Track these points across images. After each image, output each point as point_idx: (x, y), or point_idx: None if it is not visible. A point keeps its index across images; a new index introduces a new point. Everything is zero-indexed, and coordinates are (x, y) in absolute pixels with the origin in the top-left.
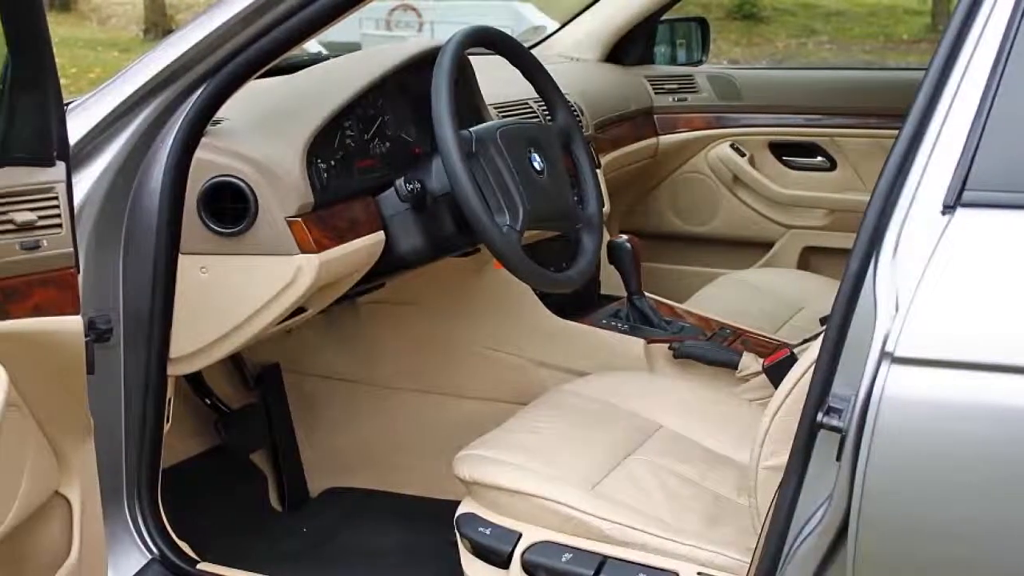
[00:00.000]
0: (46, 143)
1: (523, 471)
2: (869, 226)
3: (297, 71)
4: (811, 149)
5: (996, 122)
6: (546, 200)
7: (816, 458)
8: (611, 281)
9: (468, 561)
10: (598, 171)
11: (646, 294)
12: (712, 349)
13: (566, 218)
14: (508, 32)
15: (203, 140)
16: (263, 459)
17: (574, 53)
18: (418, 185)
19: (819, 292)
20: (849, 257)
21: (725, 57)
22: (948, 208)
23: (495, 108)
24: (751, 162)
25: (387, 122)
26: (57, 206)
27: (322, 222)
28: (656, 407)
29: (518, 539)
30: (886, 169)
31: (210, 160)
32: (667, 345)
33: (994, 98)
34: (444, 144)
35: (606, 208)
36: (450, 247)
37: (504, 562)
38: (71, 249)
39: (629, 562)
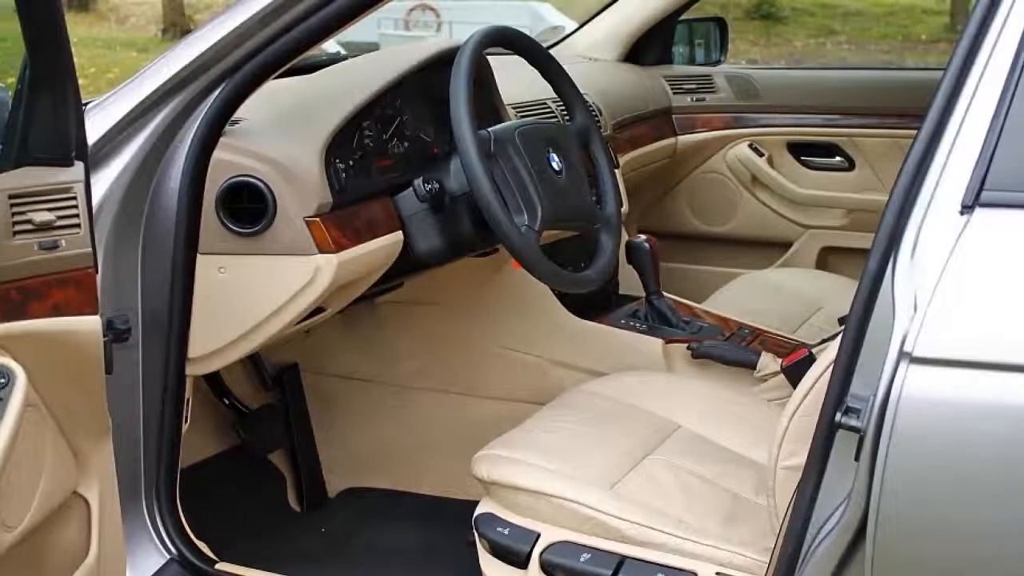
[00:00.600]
0: (64, 143)
1: (541, 471)
2: (887, 226)
3: (315, 71)
4: (829, 149)
5: (1014, 122)
6: (564, 200)
7: (834, 458)
8: (629, 281)
9: (486, 561)
10: (616, 171)
11: (664, 294)
12: (730, 349)
13: (584, 218)
14: (526, 32)
15: (221, 140)
16: (281, 459)
17: (592, 53)
18: (436, 185)
19: (837, 292)
20: (867, 257)
21: (743, 57)
22: (966, 208)
23: (513, 108)
24: (769, 162)
25: (405, 122)
26: (75, 206)
27: (340, 222)
28: (675, 407)
29: (536, 539)
30: (904, 169)
31: (228, 160)
32: (685, 345)
33: (1012, 98)
34: (462, 144)
35: (624, 208)
36: (468, 247)
37: (522, 562)
38: (89, 249)
39: (647, 562)
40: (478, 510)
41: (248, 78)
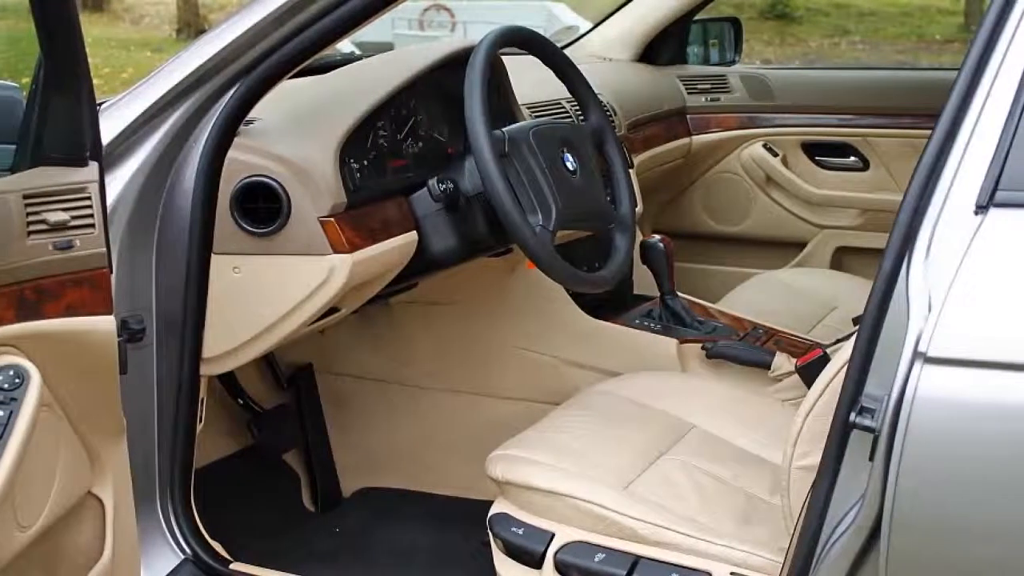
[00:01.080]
0: (79, 143)
1: (556, 471)
2: (902, 226)
3: (330, 71)
4: (844, 149)
5: None
6: (579, 200)
7: (849, 458)
8: (644, 281)
9: (501, 561)
10: (631, 171)
11: (679, 294)
12: (745, 349)
13: (599, 218)
14: (541, 32)
15: (236, 140)
16: (296, 459)
17: (607, 53)
18: (451, 185)
19: (852, 292)
20: (882, 257)
21: (758, 57)
22: (981, 208)
23: (528, 108)
24: (784, 162)
25: (420, 122)
26: (90, 206)
27: (355, 222)
28: (689, 407)
29: (551, 539)
30: (919, 169)
31: (243, 160)
32: (700, 345)
33: None
34: (477, 144)
35: (639, 208)
36: (483, 247)
37: (537, 562)
38: (104, 249)
39: (662, 562)
40: (492, 510)
41: (262, 78)
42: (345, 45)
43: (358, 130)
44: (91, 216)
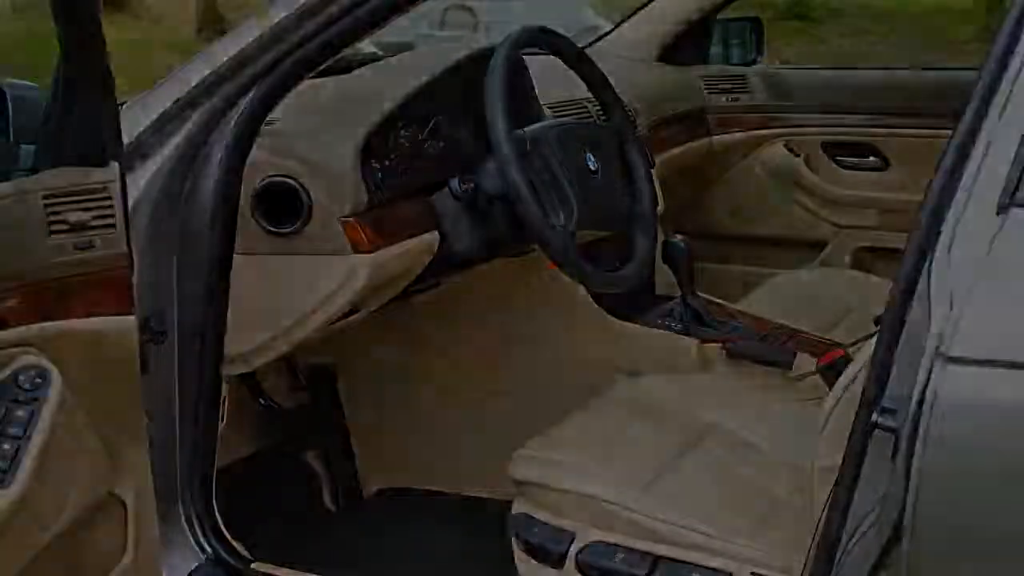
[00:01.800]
0: (99, 143)
1: (576, 471)
2: (923, 226)
3: (351, 71)
4: (865, 149)
5: None
6: (600, 200)
7: (870, 458)
8: (665, 281)
9: (522, 561)
10: (652, 171)
11: (700, 294)
12: (766, 349)
13: (620, 218)
14: (562, 32)
15: (257, 140)
16: (316, 459)
17: (628, 52)
18: (472, 185)
19: (873, 292)
20: (903, 257)
21: (778, 57)
22: (1003, 208)
23: (549, 108)
24: (805, 162)
25: (441, 122)
26: (110, 206)
27: (376, 222)
28: (710, 407)
29: (572, 539)
30: (940, 169)
31: (264, 160)
32: (721, 345)
33: None
34: (498, 144)
35: (660, 208)
36: (504, 247)
37: (558, 562)
38: (124, 249)
39: (683, 562)
40: (513, 510)
41: (283, 78)
42: (366, 45)
43: (379, 130)
44: (112, 216)
